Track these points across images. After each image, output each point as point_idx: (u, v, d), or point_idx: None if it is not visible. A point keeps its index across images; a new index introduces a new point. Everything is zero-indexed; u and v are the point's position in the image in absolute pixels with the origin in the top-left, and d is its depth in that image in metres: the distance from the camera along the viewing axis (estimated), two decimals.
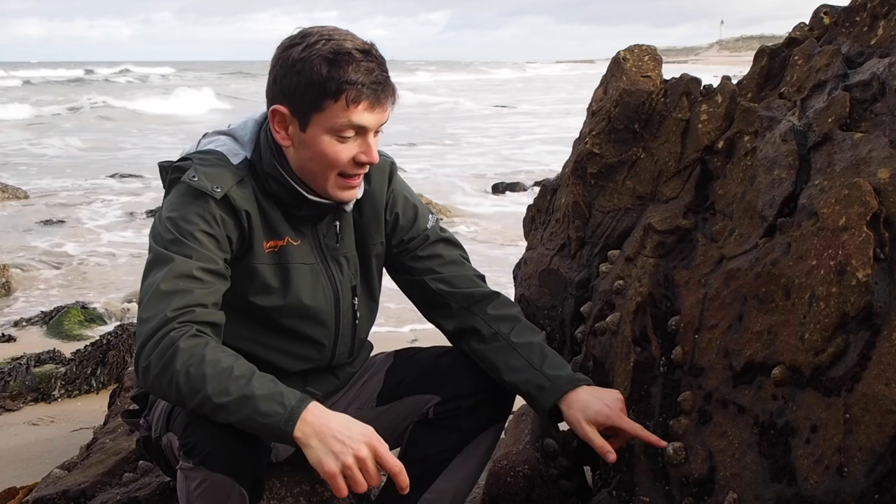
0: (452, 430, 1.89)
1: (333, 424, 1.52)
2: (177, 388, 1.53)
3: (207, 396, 1.51)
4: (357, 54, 1.65)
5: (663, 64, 2.30)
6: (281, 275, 1.80)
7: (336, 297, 1.88)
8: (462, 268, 2.01)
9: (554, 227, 2.38)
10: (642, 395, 1.89)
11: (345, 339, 1.93)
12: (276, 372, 1.84)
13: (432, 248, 1.99)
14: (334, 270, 1.87)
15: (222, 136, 1.82)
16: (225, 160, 1.75)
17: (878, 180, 1.57)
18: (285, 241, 1.79)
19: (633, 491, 1.86)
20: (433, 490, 1.87)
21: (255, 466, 1.65)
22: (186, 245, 1.64)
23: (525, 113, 24.77)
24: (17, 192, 10.17)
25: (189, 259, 1.63)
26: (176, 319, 1.57)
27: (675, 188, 2.05)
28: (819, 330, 1.56)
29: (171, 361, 1.53)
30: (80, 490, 2.29)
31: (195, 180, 1.68)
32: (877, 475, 1.44)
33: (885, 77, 1.73)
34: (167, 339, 1.55)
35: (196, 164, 1.71)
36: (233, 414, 1.51)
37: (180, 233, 1.65)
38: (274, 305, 1.80)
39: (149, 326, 1.57)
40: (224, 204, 1.70)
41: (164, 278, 1.60)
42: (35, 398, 3.97)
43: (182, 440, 1.64)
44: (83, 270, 6.68)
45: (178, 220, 1.67)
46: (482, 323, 1.93)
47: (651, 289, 1.94)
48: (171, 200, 1.72)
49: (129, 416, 1.98)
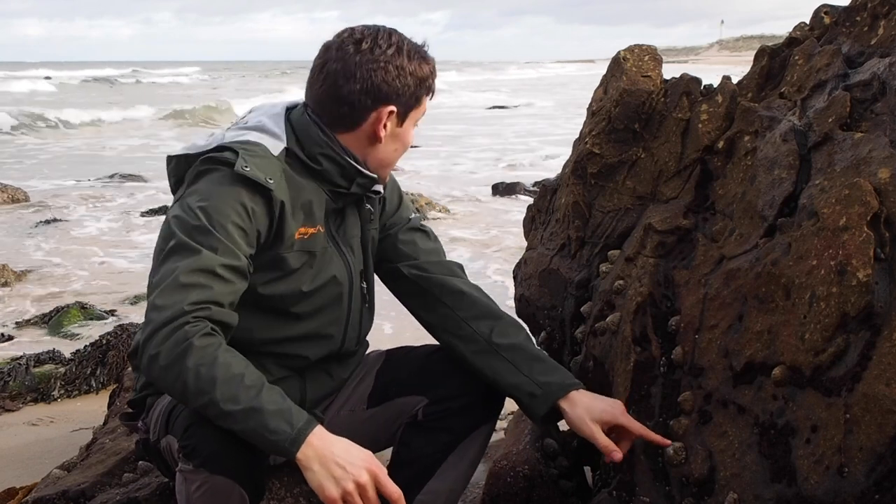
0: (442, 431, 1.89)
1: (336, 450, 1.54)
2: (183, 384, 1.52)
3: (214, 400, 1.51)
4: (427, 52, 1.85)
5: (663, 64, 2.30)
6: (305, 260, 1.81)
7: (350, 280, 1.90)
8: (437, 256, 2.04)
9: (554, 227, 2.38)
10: (642, 395, 1.89)
11: (354, 325, 1.94)
12: (286, 367, 1.84)
13: (411, 235, 2.03)
14: (347, 254, 1.90)
15: (251, 131, 1.81)
16: (267, 152, 1.76)
17: (878, 180, 1.57)
18: (317, 228, 1.82)
19: (634, 491, 1.85)
20: (426, 491, 1.88)
21: (255, 469, 1.64)
22: (214, 236, 1.63)
23: (525, 113, 24.76)
24: (16, 193, 10.16)
25: (214, 253, 1.62)
26: (192, 314, 1.56)
27: (676, 188, 2.05)
28: (819, 330, 1.56)
29: (183, 357, 1.52)
30: (79, 490, 2.28)
31: (248, 170, 1.68)
32: (877, 475, 1.43)
33: (885, 77, 1.73)
34: (181, 333, 1.54)
35: (244, 155, 1.70)
36: (238, 423, 1.52)
37: (210, 222, 1.64)
38: (293, 289, 1.81)
39: (163, 315, 1.56)
40: (267, 195, 1.70)
41: (185, 269, 1.59)
42: (35, 398, 3.97)
43: (182, 442, 1.63)
44: (84, 270, 6.68)
45: (211, 209, 1.65)
46: (460, 321, 1.94)
47: (651, 289, 1.94)
48: (201, 189, 1.70)
49: (126, 419, 1.98)
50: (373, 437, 2.00)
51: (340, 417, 1.99)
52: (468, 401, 1.90)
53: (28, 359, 4.25)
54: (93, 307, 5.34)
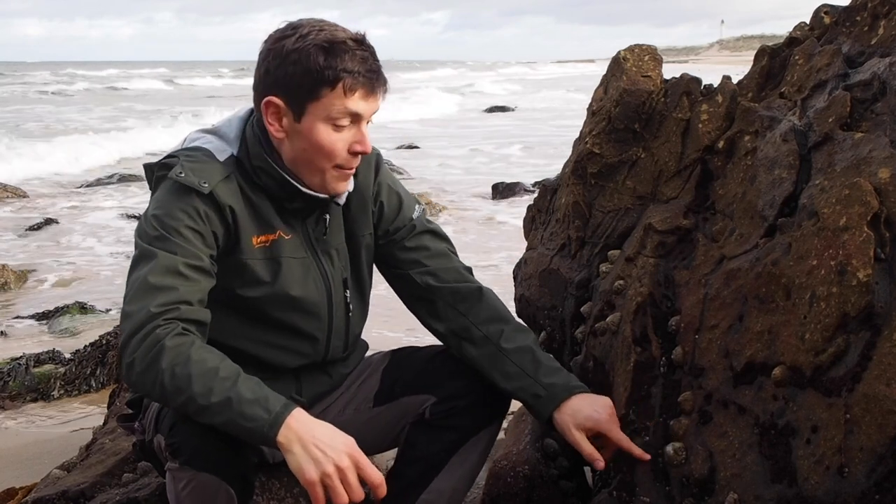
0: (449, 430, 1.88)
1: (317, 433, 1.52)
2: (161, 386, 1.53)
3: (192, 397, 1.51)
4: (351, 43, 1.67)
5: (663, 64, 2.30)
6: (272, 268, 1.79)
7: (328, 290, 1.87)
8: (448, 260, 2.00)
9: (554, 227, 2.38)
10: (642, 395, 1.89)
11: (339, 333, 1.92)
12: (271, 369, 1.83)
13: (419, 240, 1.98)
14: (325, 263, 1.87)
15: (207, 134, 1.82)
16: (211, 156, 1.75)
17: (878, 180, 1.57)
18: (277, 234, 1.79)
19: (634, 491, 1.85)
20: (431, 490, 1.87)
21: (241, 466, 1.64)
22: (171, 241, 1.64)
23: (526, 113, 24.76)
24: (16, 191, 10.17)
25: (174, 255, 1.62)
26: (161, 316, 1.56)
27: (676, 188, 2.05)
28: (819, 330, 1.56)
29: (157, 360, 1.52)
30: (79, 490, 2.28)
31: (182, 176, 1.68)
32: (878, 476, 1.43)
33: (885, 77, 1.73)
34: (152, 337, 1.54)
35: (182, 161, 1.71)
36: (216, 416, 1.51)
37: (165, 229, 1.65)
38: (265, 299, 1.80)
39: (133, 322, 1.56)
40: (210, 199, 1.69)
41: (147, 274, 1.60)
42: (34, 398, 3.98)
43: (168, 440, 1.64)
44: (84, 270, 6.68)
45: (163, 216, 1.67)
46: (471, 325, 1.92)
47: (651, 289, 1.94)
48: (156, 198, 1.73)
49: (124, 420, 1.98)
50: (378, 436, 1.99)
51: (345, 416, 1.98)
52: (475, 400, 1.89)
53: (28, 359, 4.26)
54: (93, 307, 5.34)
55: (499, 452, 2.20)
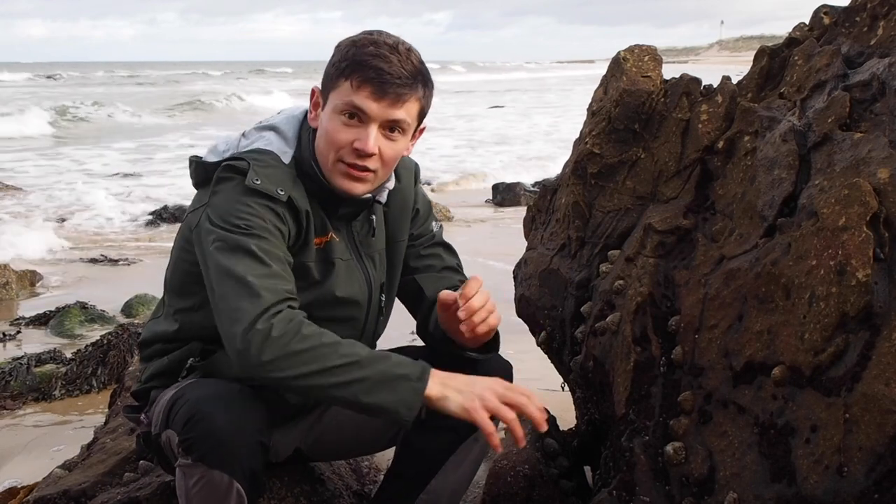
0: (445, 431, 1.88)
1: (460, 378, 1.62)
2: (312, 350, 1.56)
3: (346, 354, 1.57)
4: (383, 46, 1.70)
5: (663, 64, 2.31)
6: (325, 269, 1.82)
7: (369, 293, 1.90)
8: (456, 274, 2.03)
9: (554, 227, 2.38)
10: (642, 394, 1.89)
11: (368, 336, 1.94)
12: None
13: (433, 249, 2.02)
14: (368, 266, 1.89)
15: (268, 132, 1.82)
16: (278, 161, 1.76)
17: (877, 180, 1.57)
18: (329, 236, 1.82)
19: (633, 491, 1.86)
20: (429, 490, 1.88)
21: (253, 463, 1.65)
22: (265, 239, 1.66)
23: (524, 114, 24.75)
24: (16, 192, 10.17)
25: (270, 252, 1.65)
26: (285, 302, 1.61)
27: (676, 188, 2.05)
28: (819, 330, 1.56)
29: (299, 330, 1.57)
30: (80, 490, 2.28)
31: (258, 184, 1.69)
32: (877, 475, 1.44)
33: (884, 77, 1.73)
34: (285, 313, 1.58)
35: (254, 167, 1.72)
36: (368, 368, 1.57)
37: (254, 226, 1.67)
38: (313, 298, 1.80)
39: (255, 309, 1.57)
40: (287, 204, 1.72)
41: (250, 272, 1.62)
42: (36, 398, 3.98)
43: (182, 436, 1.64)
44: (84, 270, 6.68)
45: (249, 215, 1.67)
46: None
47: (651, 289, 1.94)
48: (232, 197, 1.70)
49: (130, 412, 1.98)
50: (376, 435, 2.00)
51: (344, 415, 1.99)
52: None
53: (29, 358, 4.26)
54: (94, 307, 5.34)
55: (499, 452, 2.21)
